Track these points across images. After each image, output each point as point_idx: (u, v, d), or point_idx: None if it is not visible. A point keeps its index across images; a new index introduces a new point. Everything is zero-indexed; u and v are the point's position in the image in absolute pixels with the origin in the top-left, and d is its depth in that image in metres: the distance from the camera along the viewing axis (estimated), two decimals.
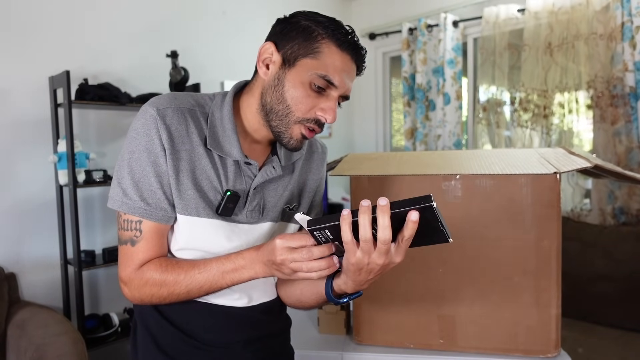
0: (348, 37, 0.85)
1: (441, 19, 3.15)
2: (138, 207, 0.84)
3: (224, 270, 0.83)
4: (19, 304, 2.11)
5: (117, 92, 2.33)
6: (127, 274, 0.86)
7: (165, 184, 0.86)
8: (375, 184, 1.26)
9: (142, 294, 0.87)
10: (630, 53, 2.41)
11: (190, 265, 0.85)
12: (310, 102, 0.86)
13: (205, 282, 0.84)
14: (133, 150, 0.84)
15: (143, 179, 0.84)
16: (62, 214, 2.29)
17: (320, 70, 0.84)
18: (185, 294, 0.86)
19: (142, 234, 0.85)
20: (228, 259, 0.84)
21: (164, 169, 0.85)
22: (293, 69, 0.85)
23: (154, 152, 0.84)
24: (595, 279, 2.38)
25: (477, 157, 1.25)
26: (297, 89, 0.85)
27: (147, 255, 0.86)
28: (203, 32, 2.93)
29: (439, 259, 1.23)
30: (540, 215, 1.17)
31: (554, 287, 1.18)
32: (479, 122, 3.11)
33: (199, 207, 0.87)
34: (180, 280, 0.84)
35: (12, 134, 2.23)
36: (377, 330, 1.29)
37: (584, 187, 2.80)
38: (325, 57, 0.84)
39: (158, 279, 0.85)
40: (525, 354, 1.21)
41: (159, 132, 0.84)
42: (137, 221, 0.85)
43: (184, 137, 0.87)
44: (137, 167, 0.84)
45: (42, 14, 2.29)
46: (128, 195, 0.84)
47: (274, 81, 0.86)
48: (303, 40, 0.84)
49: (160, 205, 0.85)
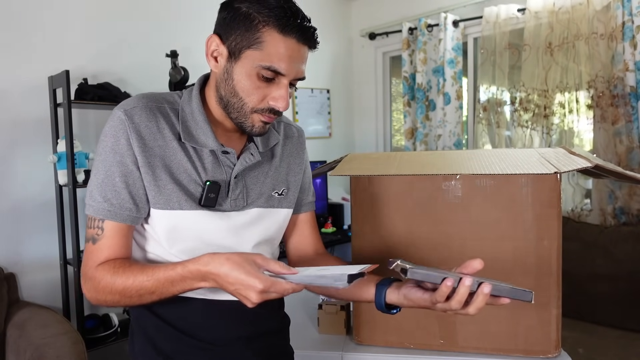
0: (290, 20, 0.81)
1: (441, 19, 3.15)
2: (101, 208, 0.85)
3: (172, 279, 0.80)
4: (19, 304, 2.11)
5: (116, 92, 2.32)
6: (86, 271, 0.86)
7: (132, 184, 0.86)
8: (375, 184, 1.26)
9: (97, 295, 0.85)
10: (631, 53, 2.41)
11: (139, 270, 0.82)
12: (261, 93, 0.85)
13: (156, 289, 0.81)
14: (100, 152, 0.86)
15: (107, 180, 0.85)
16: (62, 214, 2.28)
17: (264, 62, 0.82)
18: (137, 300, 0.82)
19: (104, 232, 0.86)
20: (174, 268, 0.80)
21: (130, 169, 0.85)
22: (239, 61, 0.83)
23: (120, 152, 0.85)
24: (595, 279, 2.38)
25: (477, 157, 1.25)
26: (246, 81, 0.84)
27: (107, 253, 0.85)
28: (203, 32, 2.92)
29: (439, 259, 1.23)
30: (540, 215, 1.16)
31: (554, 287, 1.17)
32: (479, 122, 3.10)
33: (180, 200, 0.87)
34: (129, 286, 0.82)
35: (12, 133, 2.23)
36: (377, 330, 1.29)
37: (585, 187, 2.80)
38: (269, 47, 0.81)
39: (108, 281, 0.83)
40: (526, 354, 1.20)
41: (127, 133, 0.84)
42: (99, 219, 0.86)
43: (155, 133, 0.87)
44: (102, 169, 0.85)
45: (42, 13, 2.29)
46: (93, 197, 0.86)
47: (224, 75, 0.86)
48: (245, 31, 0.81)
49: (124, 205, 0.85)
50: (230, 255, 0.77)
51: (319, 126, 3.70)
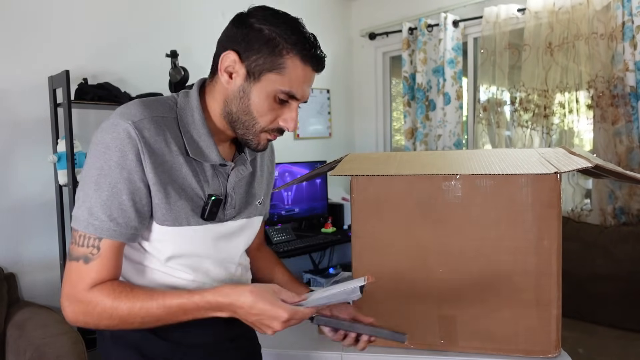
0: (312, 50, 0.85)
1: (441, 19, 3.15)
2: (106, 227, 0.80)
3: (186, 309, 0.81)
4: (19, 304, 2.11)
5: (116, 92, 2.32)
6: (74, 294, 0.80)
7: (139, 201, 0.82)
8: (375, 184, 1.26)
9: (87, 319, 0.80)
10: (631, 53, 2.41)
11: (147, 295, 0.81)
12: (274, 114, 0.88)
13: (164, 316, 0.81)
14: (102, 166, 0.80)
15: (113, 197, 0.80)
16: (62, 214, 2.28)
17: (284, 87, 0.85)
18: (138, 325, 0.82)
19: (100, 251, 0.80)
20: (190, 297, 0.81)
21: (138, 186, 0.82)
22: (258, 83, 0.85)
23: (127, 169, 0.80)
24: (595, 279, 2.38)
25: (477, 157, 1.25)
26: (262, 102, 0.86)
27: (101, 275, 0.81)
28: (203, 32, 2.93)
29: (439, 259, 1.23)
30: (540, 215, 1.16)
31: (555, 287, 1.17)
32: (479, 122, 3.10)
33: (188, 216, 0.87)
34: (135, 312, 0.80)
35: (12, 133, 2.23)
36: None
37: (585, 187, 2.80)
38: (290, 73, 0.85)
39: (109, 306, 0.79)
40: (526, 354, 1.20)
41: (138, 148, 0.81)
42: (95, 238, 0.80)
43: (163, 148, 0.84)
44: (106, 185, 0.80)
45: (42, 13, 2.29)
46: (94, 215, 0.80)
47: (239, 93, 0.86)
48: (268, 54, 0.83)
49: (130, 224, 0.82)
50: (252, 287, 0.82)
51: (319, 126, 3.70)
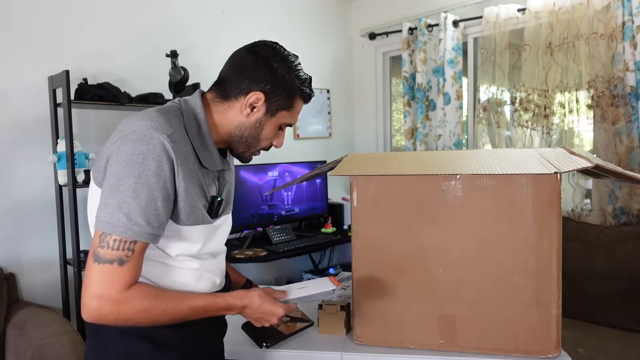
0: (310, 92, 1.07)
1: (441, 19, 3.15)
2: (144, 232, 0.88)
3: (208, 309, 0.98)
4: (19, 304, 2.11)
5: (116, 92, 2.32)
6: (110, 295, 0.86)
7: (168, 207, 0.92)
8: (375, 184, 1.26)
9: (119, 317, 0.88)
10: (631, 53, 2.41)
11: (180, 298, 0.95)
12: (273, 139, 1.09)
13: (190, 315, 0.96)
14: (140, 175, 0.87)
15: (150, 204, 0.88)
16: (62, 214, 2.28)
17: (289, 120, 1.07)
18: (167, 322, 0.94)
19: (134, 253, 0.88)
20: (215, 301, 0.99)
21: (169, 193, 0.91)
22: (273, 118, 1.04)
23: (163, 178, 0.90)
24: (595, 279, 2.38)
25: (477, 157, 1.25)
26: (271, 132, 1.06)
27: (134, 275, 0.89)
28: (203, 32, 2.93)
29: (439, 259, 1.23)
30: (540, 215, 1.16)
31: (555, 287, 1.17)
32: (479, 122, 3.10)
33: (203, 216, 1.00)
34: (169, 311, 0.92)
35: (12, 133, 2.23)
36: (377, 330, 1.29)
37: (585, 187, 2.79)
38: (295, 110, 1.07)
39: (148, 306, 0.89)
40: (526, 355, 1.20)
41: (173, 159, 0.91)
42: (131, 241, 0.87)
43: (188, 157, 0.96)
44: (144, 192, 0.87)
45: (42, 13, 2.29)
46: (133, 220, 0.87)
47: (255, 124, 1.04)
48: (286, 97, 1.03)
49: (161, 227, 0.92)
50: (257, 292, 1.04)
51: (319, 126, 3.70)
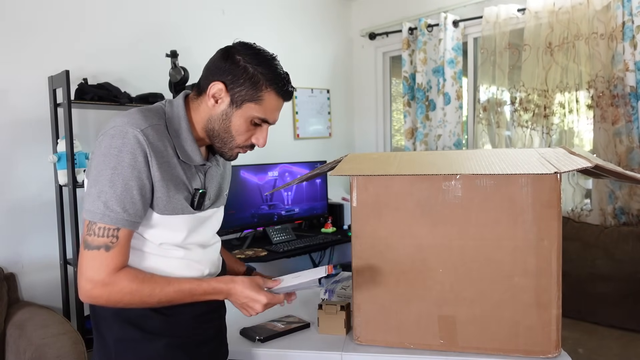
0: (285, 87, 1.06)
1: (441, 19, 3.15)
2: (120, 218, 0.96)
3: (194, 293, 1.03)
4: (19, 304, 2.11)
5: (116, 92, 2.32)
6: (100, 278, 0.95)
7: (144, 195, 0.99)
8: (375, 184, 1.26)
9: (111, 297, 0.97)
10: (631, 53, 2.41)
11: (166, 281, 1.01)
12: (249, 134, 1.09)
13: (176, 298, 1.02)
14: (116, 166, 0.96)
15: (126, 192, 0.96)
16: (62, 213, 2.28)
17: (260, 114, 1.06)
18: (155, 304, 1.01)
19: (119, 240, 0.96)
20: (200, 285, 1.04)
21: (144, 182, 0.98)
22: (239, 110, 1.05)
23: (138, 168, 0.97)
24: (595, 279, 2.38)
25: (477, 157, 1.25)
26: (241, 125, 1.06)
27: (121, 260, 0.97)
28: (203, 31, 2.93)
29: (439, 259, 1.23)
30: (540, 215, 1.16)
31: (555, 287, 1.17)
32: (479, 122, 3.10)
33: (183, 207, 1.05)
34: (155, 294, 0.99)
35: (12, 133, 2.23)
36: (377, 330, 1.29)
37: (585, 187, 2.79)
38: (266, 104, 1.05)
39: (135, 288, 0.97)
40: (526, 355, 1.20)
41: (146, 152, 0.97)
42: (114, 229, 0.96)
43: (163, 151, 1.01)
44: (119, 182, 0.95)
45: (42, 13, 2.29)
46: (110, 207, 0.95)
47: (222, 116, 1.06)
48: (250, 88, 1.03)
49: (138, 214, 0.98)
50: (243, 278, 1.07)
51: (319, 126, 3.70)
